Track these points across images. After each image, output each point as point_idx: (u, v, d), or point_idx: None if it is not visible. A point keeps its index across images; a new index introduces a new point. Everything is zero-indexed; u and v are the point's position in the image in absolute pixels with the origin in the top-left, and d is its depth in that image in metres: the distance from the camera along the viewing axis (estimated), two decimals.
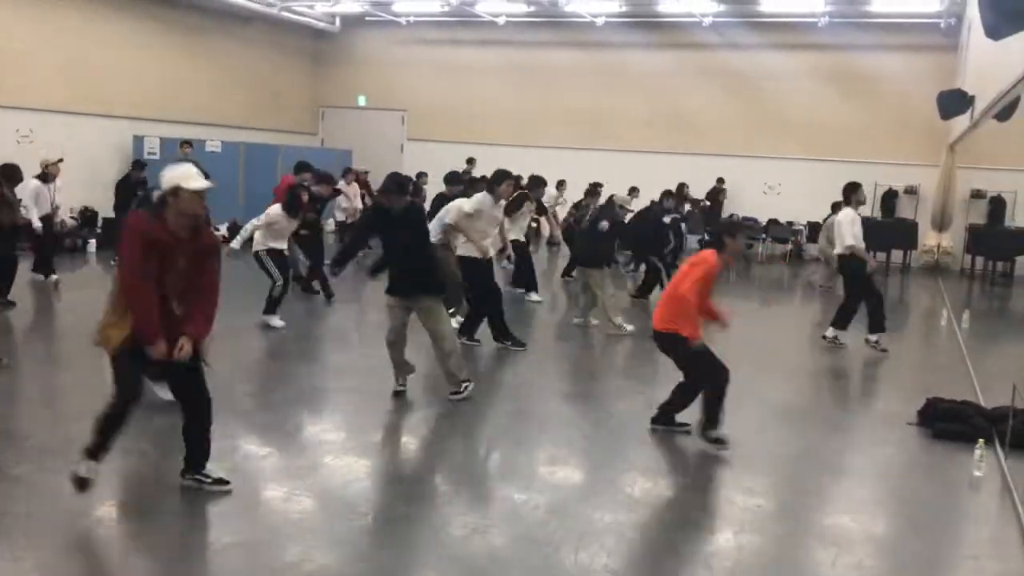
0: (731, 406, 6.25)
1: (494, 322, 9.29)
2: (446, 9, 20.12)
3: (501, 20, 20.80)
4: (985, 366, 9.38)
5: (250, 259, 9.92)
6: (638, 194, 14.66)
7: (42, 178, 11.97)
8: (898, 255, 19.30)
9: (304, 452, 6.00)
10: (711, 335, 6.71)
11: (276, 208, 9.73)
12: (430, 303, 7.02)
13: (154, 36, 18.77)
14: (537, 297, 12.34)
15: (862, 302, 10.09)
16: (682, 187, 16.43)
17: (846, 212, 10.06)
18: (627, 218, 11.02)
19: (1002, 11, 5.48)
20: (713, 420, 6.19)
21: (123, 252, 4.67)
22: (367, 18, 22.27)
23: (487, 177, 9.93)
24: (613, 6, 19.17)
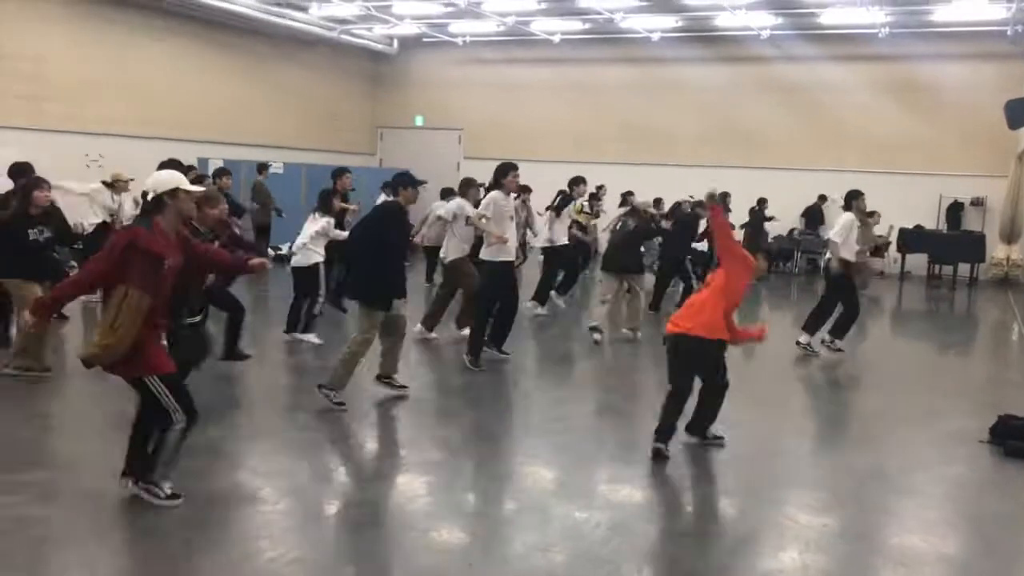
0: (791, 421, 6.15)
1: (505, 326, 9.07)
2: (502, 28, 20.28)
3: (556, 38, 20.88)
4: None
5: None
6: (662, 205, 14.63)
7: (108, 186, 12.13)
8: (965, 268, 18.84)
9: (362, 469, 6.05)
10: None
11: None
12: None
13: (218, 61, 19.27)
14: (542, 310, 12.24)
15: (837, 307, 10.05)
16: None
17: (846, 216, 9.99)
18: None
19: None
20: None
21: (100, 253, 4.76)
22: (424, 39, 22.54)
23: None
24: (669, 22, 19.11)
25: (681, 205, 14.45)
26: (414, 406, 7.55)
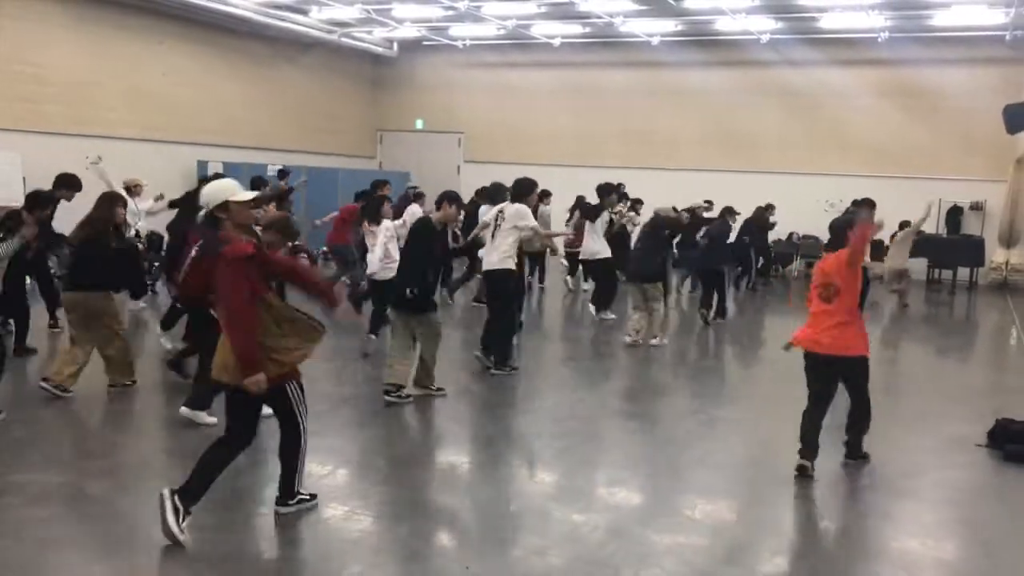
0: (791, 424, 6.16)
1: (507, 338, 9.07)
2: (502, 32, 20.30)
3: (557, 42, 20.91)
4: None
5: None
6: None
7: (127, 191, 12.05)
8: (964, 272, 18.85)
9: (360, 471, 6.05)
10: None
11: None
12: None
13: (217, 64, 19.28)
14: (611, 315, 12.38)
15: None
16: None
17: None
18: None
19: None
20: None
21: (224, 288, 4.53)
22: (424, 43, 22.57)
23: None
24: (669, 26, 19.14)
25: (695, 211, 14.52)
26: (420, 407, 7.57)
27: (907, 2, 16.32)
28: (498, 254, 8.74)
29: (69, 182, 9.79)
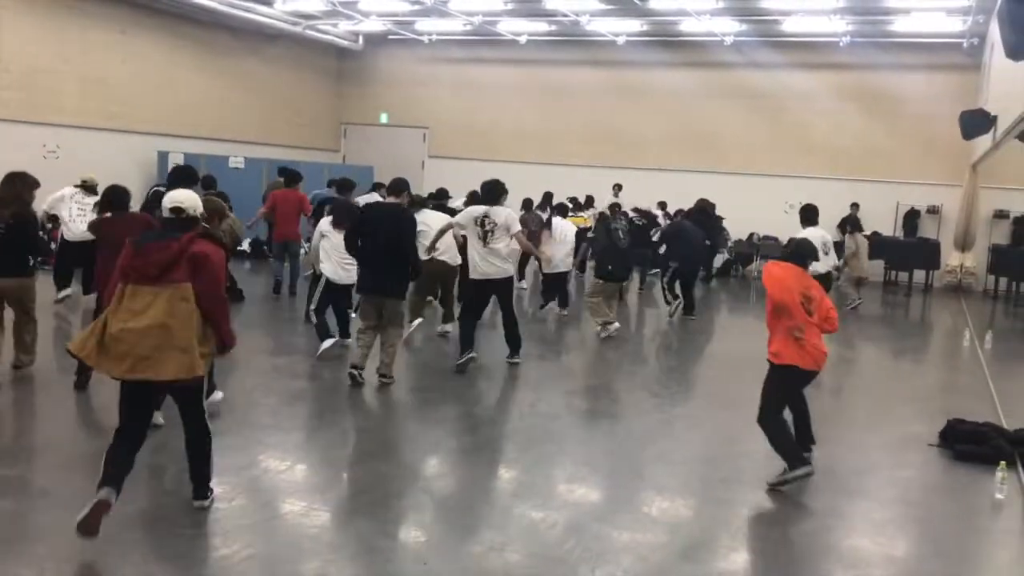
0: (748, 423, 6.23)
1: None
2: (468, 28, 20.27)
3: (523, 39, 20.91)
4: (1008, 387, 9.30)
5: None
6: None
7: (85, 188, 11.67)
8: (920, 275, 19.18)
9: (319, 466, 6.03)
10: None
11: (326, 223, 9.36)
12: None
13: (179, 53, 19.03)
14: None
15: None
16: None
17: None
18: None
19: (1023, 32, 5.48)
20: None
21: (218, 279, 4.75)
22: (390, 36, 22.46)
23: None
24: (634, 25, 19.23)
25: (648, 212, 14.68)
26: (381, 403, 7.55)
27: (868, 8, 16.55)
28: (500, 261, 8.77)
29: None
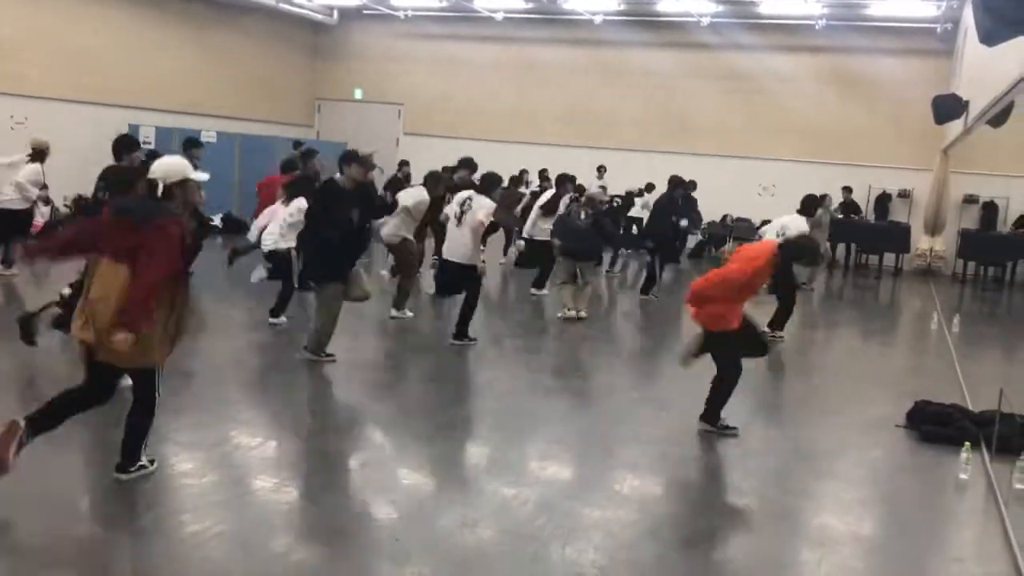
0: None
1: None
2: (444, 4, 20.13)
3: (499, 16, 20.80)
4: (974, 370, 9.42)
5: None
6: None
7: (39, 158, 11.29)
8: (891, 258, 19.38)
9: (291, 444, 6.01)
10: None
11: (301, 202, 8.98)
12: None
13: (151, 24, 18.74)
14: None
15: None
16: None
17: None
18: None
19: (997, 17, 5.51)
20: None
21: (163, 255, 4.50)
22: (365, 11, 22.25)
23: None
24: (611, 4, 19.18)
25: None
26: (352, 381, 7.53)
27: None
28: (461, 246, 8.84)
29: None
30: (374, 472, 5.52)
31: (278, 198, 9.62)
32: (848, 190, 19.45)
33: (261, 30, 21.57)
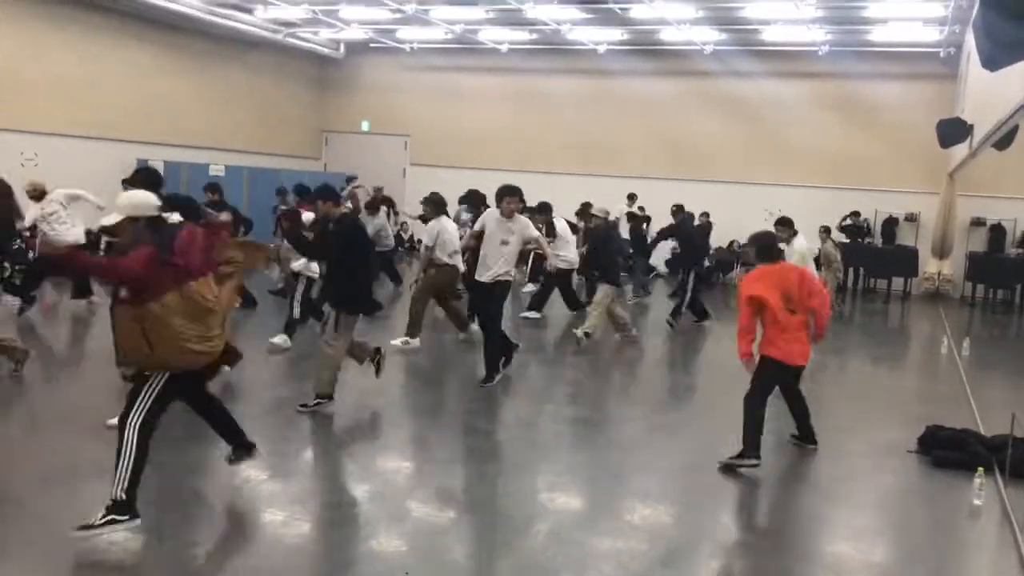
0: (729, 432, 6.26)
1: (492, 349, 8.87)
2: (450, 36, 20.30)
3: (504, 48, 20.97)
4: (985, 394, 9.37)
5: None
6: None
7: (38, 199, 11.53)
8: (899, 282, 19.33)
9: (301, 476, 6.00)
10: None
11: None
12: None
13: (160, 60, 18.96)
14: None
15: None
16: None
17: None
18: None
19: (999, 42, 5.55)
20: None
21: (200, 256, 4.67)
22: (371, 45, 22.46)
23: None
24: (615, 34, 19.32)
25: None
26: (358, 413, 7.52)
27: (846, 17, 16.70)
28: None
29: None
30: (382, 505, 5.50)
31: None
32: (856, 214, 19.46)
33: (269, 64, 21.80)
